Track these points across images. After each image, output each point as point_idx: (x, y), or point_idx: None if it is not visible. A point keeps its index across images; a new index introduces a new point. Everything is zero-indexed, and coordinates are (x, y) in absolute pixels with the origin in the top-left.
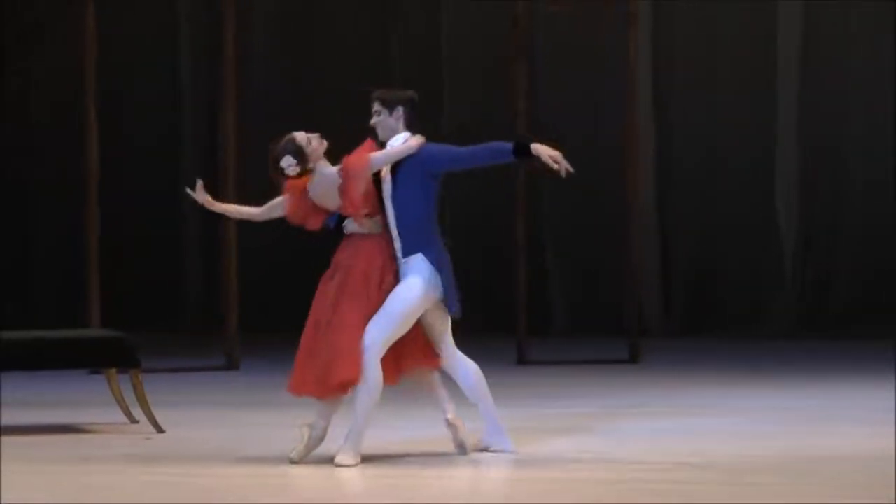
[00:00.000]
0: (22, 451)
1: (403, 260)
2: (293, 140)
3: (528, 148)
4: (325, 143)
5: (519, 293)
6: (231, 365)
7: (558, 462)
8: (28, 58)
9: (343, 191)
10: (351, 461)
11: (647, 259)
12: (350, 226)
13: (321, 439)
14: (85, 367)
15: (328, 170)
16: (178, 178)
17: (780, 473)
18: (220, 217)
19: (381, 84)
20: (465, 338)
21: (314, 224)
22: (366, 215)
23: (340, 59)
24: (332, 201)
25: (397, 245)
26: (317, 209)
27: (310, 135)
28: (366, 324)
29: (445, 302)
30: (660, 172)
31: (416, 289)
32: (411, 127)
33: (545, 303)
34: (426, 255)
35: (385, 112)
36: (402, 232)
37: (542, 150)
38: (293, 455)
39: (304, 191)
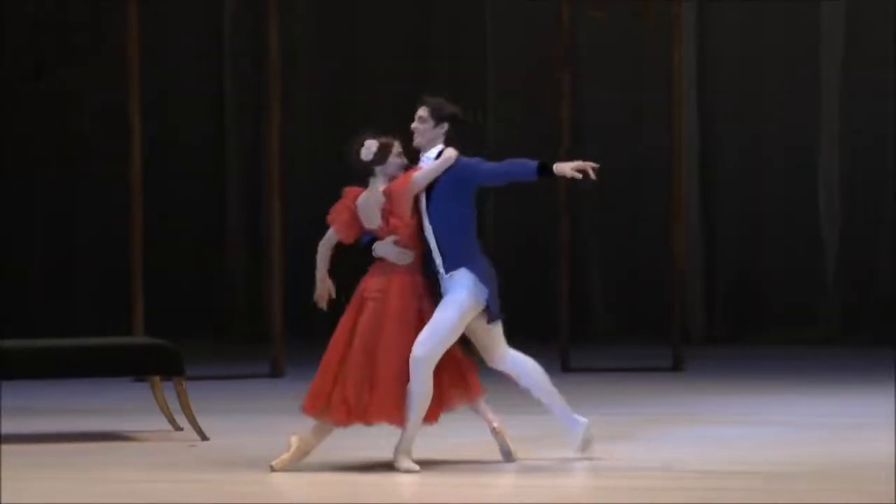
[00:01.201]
0: (66, 459)
1: (447, 276)
2: (387, 138)
3: (551, 168)
4: (402, 170)
5: (562, 300)
6: (276, 372)
7: (599, 469)
8: (71, 63)
9: (388, 210)
10: (415, 466)
11: (690, 263)
12: (380, 248)
13: (307, 454)
14: (129, 374)
15: (378, 189)
16: (223, 183)
17: (821, 481)
18: (265, 224)
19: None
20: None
21: (347, 235)
22: (401, 244)
23: (385, 61)
24: (372, 220)
25: (438, 261)
26: (356, 222)
27: (400, 151)
28: (408, 366)
29: (488, 310)
30: (703, 176)
31: (461, 301)
32: (448, 143)
33: (587, 308)
34: (470, 268)
35: (431, 122)
36: (443, 247)
37: (565, 169)
38: (275, 463)
39: (355, 201)
